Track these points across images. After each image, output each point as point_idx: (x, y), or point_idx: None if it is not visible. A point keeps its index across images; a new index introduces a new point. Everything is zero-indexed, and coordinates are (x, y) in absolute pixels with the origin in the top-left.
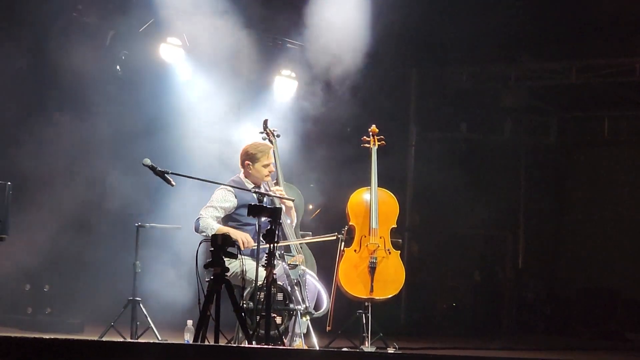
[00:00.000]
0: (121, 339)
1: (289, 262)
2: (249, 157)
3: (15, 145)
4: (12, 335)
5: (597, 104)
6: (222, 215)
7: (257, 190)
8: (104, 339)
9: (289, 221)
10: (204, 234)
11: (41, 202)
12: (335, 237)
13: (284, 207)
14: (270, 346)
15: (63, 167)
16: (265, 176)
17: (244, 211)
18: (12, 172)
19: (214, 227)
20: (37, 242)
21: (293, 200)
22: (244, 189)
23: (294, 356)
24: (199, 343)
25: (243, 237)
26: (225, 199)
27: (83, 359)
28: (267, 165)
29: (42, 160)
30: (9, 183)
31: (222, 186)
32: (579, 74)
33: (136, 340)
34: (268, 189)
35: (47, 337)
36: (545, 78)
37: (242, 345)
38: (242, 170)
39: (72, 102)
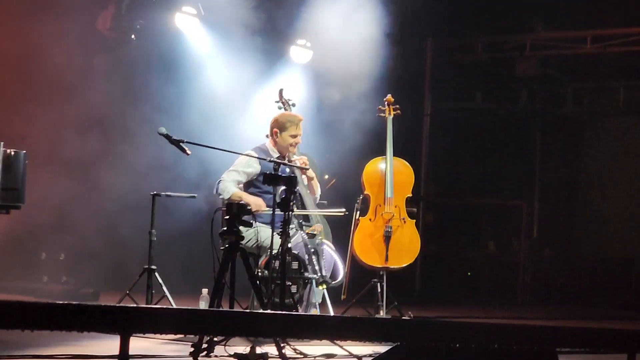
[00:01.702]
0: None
1: (307, 231)
2: (278, 125)
3: (27, 112)
4: (29, 300)
5: (612, 74)
6: (244, 180)
7: (274, 159)
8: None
9: (309, 192)
10: (221, 196)
11: (57, 171)
12: (343, 214)
13: (305, 179)
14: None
15: (77, 136)
16: (291, 146)
17: None
18: (22, 138)
19: (230, 190)
20: (53, 212)
21: (308, 169)
22: (264, 159)
23: (309, 322)
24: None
25: (254, 201)
26: (249, 164)
27: (98, 324)
28: (295, 136)
29: (54, 126)
30: (24, 152)
31: (247, 152)
32: (594, 43)
33: (151, 306)
34: (290, 159)
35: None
36: (560, 47)
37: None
38: (270, 138)
39: (85, 71)
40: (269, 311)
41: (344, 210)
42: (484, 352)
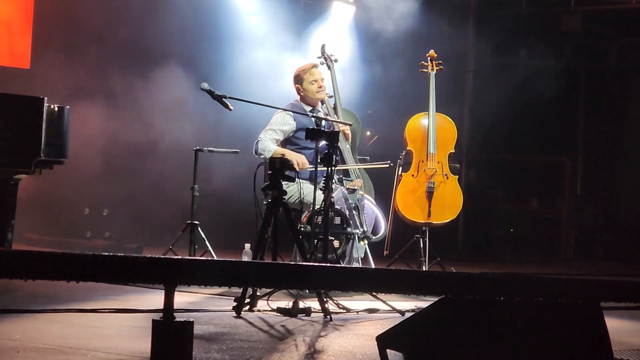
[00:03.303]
0: None
1: (347, 187)
2: (296, 80)
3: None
4: (73, 252)
5: None
6: (281, 138)
7: (315, 114)
8: None
9: (348, 146)
10: (262, 156)
11: (100, 127)
12: (387, 166)
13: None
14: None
15: (120, 90)
16: (316, 92)
17: (303, 134)
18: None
19: (271, 149)
20: (96, 166)
21: (350, 125)
22: (302, 113)
23: (354, 274)
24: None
25: (298, 159)
26: (284, 121)
27: (143, 276)
28: (315, 81)
29: (98, 79)
30: (68, 107)
31: (281, 109)
32: None
33: (194, 257)
34: (327, 112)
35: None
36: (604, 2)
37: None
38: (299, 97)
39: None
40: (313, 263)
41: (388, 162)
42: (528, 305)
